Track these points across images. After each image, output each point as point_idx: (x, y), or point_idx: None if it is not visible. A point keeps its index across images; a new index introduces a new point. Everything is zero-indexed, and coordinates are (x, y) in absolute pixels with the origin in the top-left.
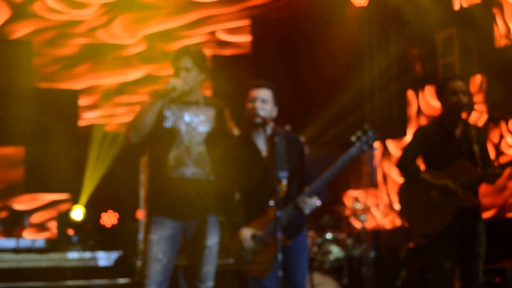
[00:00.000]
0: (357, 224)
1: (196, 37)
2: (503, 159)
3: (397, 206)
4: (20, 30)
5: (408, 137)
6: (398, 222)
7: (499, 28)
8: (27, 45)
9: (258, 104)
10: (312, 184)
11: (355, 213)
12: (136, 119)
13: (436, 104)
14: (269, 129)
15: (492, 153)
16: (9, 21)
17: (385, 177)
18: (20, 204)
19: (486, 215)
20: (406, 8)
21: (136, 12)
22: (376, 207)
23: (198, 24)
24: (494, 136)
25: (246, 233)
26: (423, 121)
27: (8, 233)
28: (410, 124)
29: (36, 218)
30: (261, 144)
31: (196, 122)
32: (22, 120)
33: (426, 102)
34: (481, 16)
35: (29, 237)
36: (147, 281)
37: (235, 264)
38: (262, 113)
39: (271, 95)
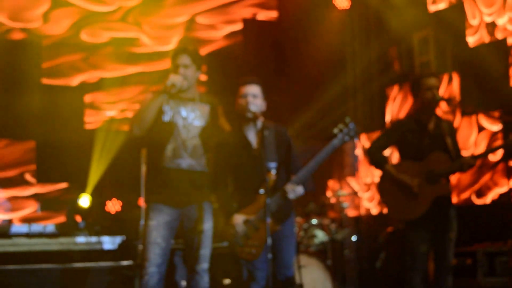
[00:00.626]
0: (339, 210)
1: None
2: (475, 151)
3: (377, 194)
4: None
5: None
6: (377, 208)
7: (471, 29)
8: (37, 44)
9: (250, 99)
10: (299, 173)
11: (338, 201)
12: (138, 113)
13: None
14: (259, 123)
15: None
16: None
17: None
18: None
19: (458, 202)
20: (385, 12)
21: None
22: (357, 194)
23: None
24: (467, 129)
25: (239, 219)
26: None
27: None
28: (388, 118)
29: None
30: (252, 137)
31: (192, 117)
32: (32, 115)
33: (404, 97)
34: (454, 18)
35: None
36: (147, 263)
37: (229, 247)
38: (253, 108)
39: (260, 90)
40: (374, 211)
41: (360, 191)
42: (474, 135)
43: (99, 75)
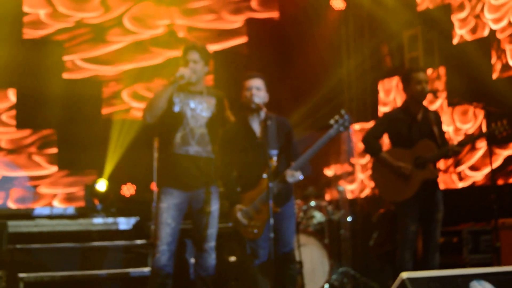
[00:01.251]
0: (336, 193)
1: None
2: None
3: (370, 178)
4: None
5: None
6: (370, 191)
7: (456, 27)
8: (58, 44)
9: (254, 92)
10: (298, 160)
11: (335, 184)
12: (151, 102)
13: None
14: (262, 114)
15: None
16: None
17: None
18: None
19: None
20: (377, 11)
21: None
22: (351, 178)
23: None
24: (452, 119)
25: (237, 210)
26: (391, 107)
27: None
28: (380, 109)
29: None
30: (256, 127)
31: (200, 108)
32: (54, 107)
33: (395, 90)
34: (441, 17)
35: (61, 205)
36: (159, 242)
37: (233, 227)
38: (257, 99)
39: (263, 83)
40: (368, 193)
41: (355, 176)
42: (458, 125)
43: (118, 68)
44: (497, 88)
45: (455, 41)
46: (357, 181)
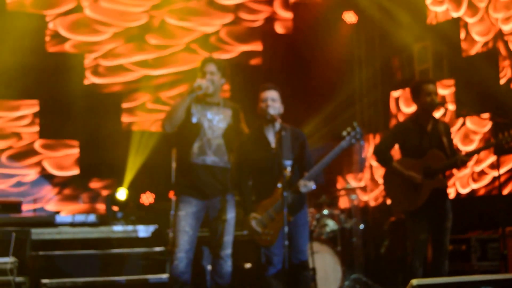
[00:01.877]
0: (348, 202)
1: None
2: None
3: (382, 187)
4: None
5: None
6: (381, 200)
7: (465, 41)
8: (80, 57)
9: (269, 103)
10: (311, 170)
11: (348, 193)
12: (170, 112)
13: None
14: (277, 125)
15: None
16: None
17: (371, 164)
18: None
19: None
20: (388, 25)
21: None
22: (364, 188)
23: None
24: (461, 130)
25: (251, 219)
26: (402, 118)
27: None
28: (392, 120)
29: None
30: (271, 137)
31: (217, 120)
32: (76, 119)
33: (405, 102)
34: (451, 31)
35: (83, 213)
36: (177, 249)
37: (248, 235)
38: (272, 111)
39: (278, 95)
40: (379, 202)
41: (367, 185)
42: (467, 135)
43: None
44: (504, 99)
45: (464, 54)
46: (369, 190)
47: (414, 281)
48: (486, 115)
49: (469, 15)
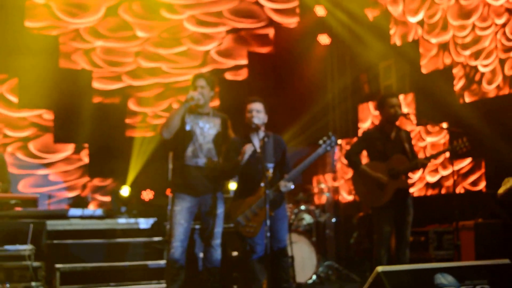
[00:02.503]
0: (322, 199)
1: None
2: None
3: (352, 187)
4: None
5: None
6: (351, 197)
7: (424, 59)
8: (88, 73)
9: (254, 114)
10: (290, 173)
11: (321, 191)
12: (167, 120)
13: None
14: (261, 132)
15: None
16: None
17: (341, 166)
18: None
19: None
20: (357, 46)
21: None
22: (336, 187)
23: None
24: (420, 137)
25: (238, 214)
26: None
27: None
28: (359, 128)
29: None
30: (256, 143)
31: (207, 127)
32: (85, 125)
33: (371, 113)
34: (411, 51)
35: (91, 207)
36: (173, 239)
37: (234, 227)
38: (256, 120)
39: (262, 106)
40: (349, 199)
41: (338, 184)
42: (426, 142)
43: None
44: (459, 111)
45: (423, 71)
46: (340, 189)
47: (379, 268)
48: (442, 125)
49: (427, 37)
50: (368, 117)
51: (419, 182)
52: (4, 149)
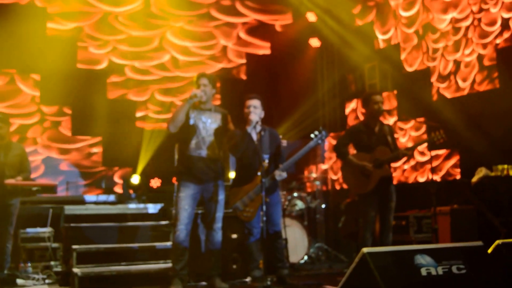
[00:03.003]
0: (313, 187)
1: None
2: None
3: (340, 175)
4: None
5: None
6: (339, 185)
7: (405, 60)
8: (104, 72)
9: (252, 110)
10: (284, 163)
11: (312, 179)
12: (173, 116)
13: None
14: (258, 126)
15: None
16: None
17: (330, 157)
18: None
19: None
20: (344, 49)
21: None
22: (324, 175)
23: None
24: (401, 131)
25: (236, 200)
26: (354, 122)
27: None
28: (347, 123)
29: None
30: (254, 136)
31: (209, 122)
32: (100, 119)
33: (357, 109)
34: (394, 53)
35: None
36: (178, 222)
37: (232, 212)
38: (253, 116)
39: (259, 103)
40: (338, 187)
41: (328, 174)
42: (407, 134)
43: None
44: (435, 107)
45: (403, 71)
46: (329, 177)
47: (365, 249)
48: (421, 119)
49: (406, 41)
50: (354, 113)
51: (400, 170)
52: (32, 140)
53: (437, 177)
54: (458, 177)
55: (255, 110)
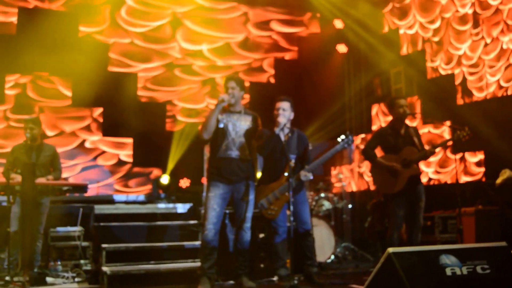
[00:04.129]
0: (340, 187)
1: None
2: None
3: (368, 176)
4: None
5: (371, 135)
6: (365, 186)
7: (430, 66)
8: (134, 76)
9: (280, 112)
10: (310, 164)
11: (339, 180)
12: (205, 123)
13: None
14: (286, 129)
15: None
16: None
17: (356, 159)
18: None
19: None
20: (371, 54)
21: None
22: (352, 177)
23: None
24: (426, 133)
25: (262, 197)
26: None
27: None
28: (373, 125)
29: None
30: (282, 137)
31: (239, 124)
32: (131, 121)
33: (383, 112)
34: (419, 58)
35: (135, 193)
36: (207, 222)
37: (258, 210)
38: (281, 118)
39: (289, 105)
40: (364, 188)
41: (354, 175)
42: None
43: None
44: (459, 111)
45: (428, 76)
46: (355, 179)
47: (390, 249)
48: (446, 123)
49: (432, 47)
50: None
51: (426, 173)
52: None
53: (463, 179)
54: (482, 178)
55: (284, 112)
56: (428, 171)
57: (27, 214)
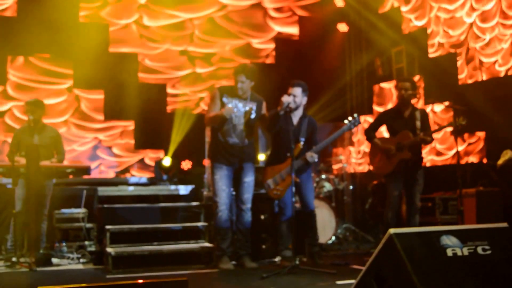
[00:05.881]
0: (340, 169)
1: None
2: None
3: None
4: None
5: (374, 115)
6: (366, 167)
7: (432, 45)
8: (134, 57)
9: (291, 98)
10: (316, 146)
11: (340, 162)
12: (211, 119)
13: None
14: (298, 112)
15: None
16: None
17: (358, 140)
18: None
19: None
20: (372, 33)
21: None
22: (352, 158)
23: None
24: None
25: (268, 177)
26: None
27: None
28: (374, 106)
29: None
30: (295, 120)
31: (243, 110)
32: (132, 104)
33: (384, 93)
34: (420, 37)
35: (137, 175)
36: (218, 203)
37: (263, 190)
38: (292, 104)
39: (300, 90)
40: (365, 169)
41: (356, 156)
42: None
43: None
44: (462, 91)
45: (430, 55)
46: (356, 159)
47: (391, 230)
48: (447, 103)
49: (434, 25)
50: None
51: (427, 154)
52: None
53: (462, 160)
54: (483, 159)
55: (295, 98)
56: (428, 152)
57: (31, 196)
